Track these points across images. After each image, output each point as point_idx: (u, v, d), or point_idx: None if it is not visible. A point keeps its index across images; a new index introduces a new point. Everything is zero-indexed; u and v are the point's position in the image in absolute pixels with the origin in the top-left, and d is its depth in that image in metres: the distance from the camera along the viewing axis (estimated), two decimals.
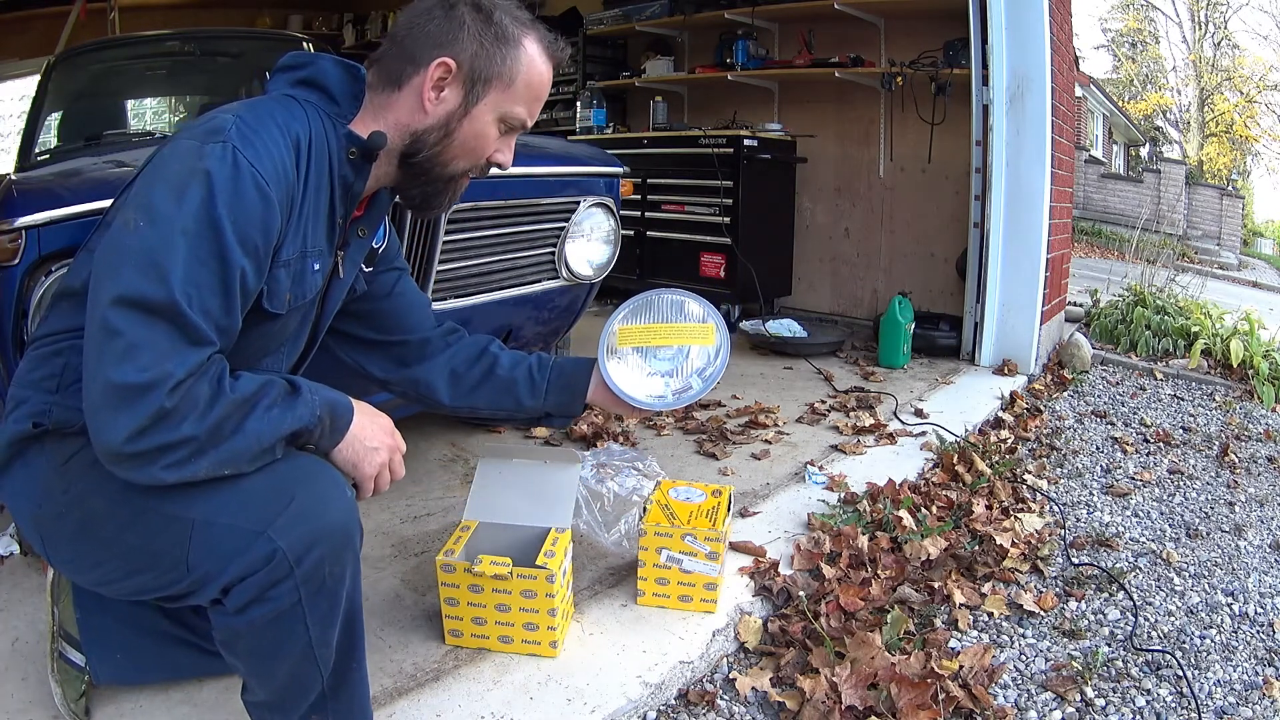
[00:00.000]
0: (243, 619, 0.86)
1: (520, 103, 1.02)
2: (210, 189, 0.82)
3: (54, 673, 1.14)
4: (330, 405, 0.93)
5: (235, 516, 0.85)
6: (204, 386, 0.82)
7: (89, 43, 3.21)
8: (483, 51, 0.98)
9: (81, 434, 0.90)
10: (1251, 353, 3.30)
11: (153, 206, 0.83)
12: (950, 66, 3.45)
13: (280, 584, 0.85)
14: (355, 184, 1.00)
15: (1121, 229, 10.59)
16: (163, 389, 0.79)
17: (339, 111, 0.99)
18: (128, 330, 0.79)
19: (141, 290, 0.80)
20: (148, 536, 0.87)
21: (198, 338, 0.82)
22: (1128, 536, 1.96)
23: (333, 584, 0.89)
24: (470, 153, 1.03)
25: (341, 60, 1.02)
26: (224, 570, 0.85)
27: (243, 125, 0.87)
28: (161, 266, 0.80)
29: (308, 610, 0.87)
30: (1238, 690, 1.41)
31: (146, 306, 0.80)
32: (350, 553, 0.91)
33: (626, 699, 1.22)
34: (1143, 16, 22.35)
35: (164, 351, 0.80)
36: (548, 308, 2.12)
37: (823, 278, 4.28)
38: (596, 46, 5.02)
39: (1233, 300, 4.77)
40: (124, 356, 0.79)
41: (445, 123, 0.99)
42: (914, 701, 1.24)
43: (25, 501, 0.93)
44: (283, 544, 0.85)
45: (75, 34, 4.79)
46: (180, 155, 0.85)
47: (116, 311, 0.79)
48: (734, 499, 1.70)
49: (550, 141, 2.30)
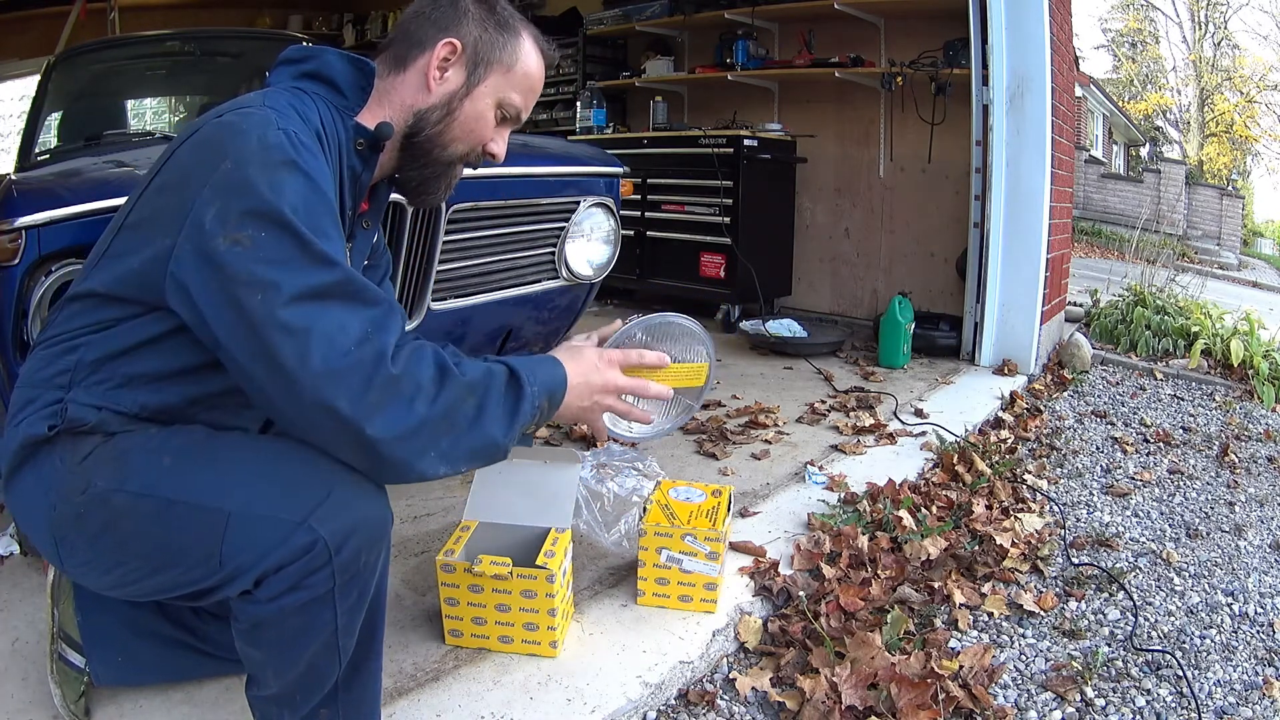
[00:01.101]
0: (273, 606, 0.85)
1: (517, 91, 1.05)
2: (297, 166, 0.84)
3: (53, 674, 1.14)
4: (549, 392, 0.96)
5: (274, 507, 0.84)
6: (426, 367, 0.86)
7: (89, 43, 3.21)
8: (486, 35, 1.02)
9: (96, 431, 0.90)
10: (1251, 353, 3.30)
11: (250, 211, 0.81)
12: (950, 66, 3.45)
13: (318, 572, 0.84)
14: (363, 175, 1.01)
15: (1121, 229, 10.59)
16: (385, 357, 0.82)
17: (346, 104, 0.99)
18: (314, 322, 0.80)
19: (306, 281, 0.81)
20: (176, 531, 0.86)
21: (370, 297, 0.85)
22: (1128, 536, 1.96)
23: (367, 573, 0.89)
24: (469, 134, 1.04)
25: (346, 54, 1.02)
26: (261, 561, 0.84)
27: (278, 112, 0.88)
28: (306, 251, 0.82)
29: (339, 598, 0.87)
30: (1238, 690, 1.41)
31: (318, 293, 0.81)
32: (385, 541, 0.92)
33: (626, 699, 1.22)
34: (1143, 16, 22.37)
35: (365, 319, 0.83)
36: (548, 308, 2.12)
37: (823, 278, 4.28)
38: (596, 46, 5.02)
39: (1233, 300, 4.77)
40: (330, 344, 0.80)
41: (448, 101, 1.02)
42: (914, 701, 1.24)
43: (38, 505, 0.90)
44: (324, 533, 0.84)
45: (75, 34, 4.80)
46: (232, 152, 0.83)
47: (292, 312, 0.80)
48: (734, 499, 1.70)
49: (550, 141, 2.30)
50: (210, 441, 0.91)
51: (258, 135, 0.84)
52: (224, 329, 0.82)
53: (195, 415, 0.94)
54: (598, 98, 4.50)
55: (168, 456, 0.88)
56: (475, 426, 0.88)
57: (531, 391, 0.93)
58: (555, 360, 1.00)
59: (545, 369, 0.97)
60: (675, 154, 3.96)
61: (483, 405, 0.89)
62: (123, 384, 0.91)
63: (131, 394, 0.91)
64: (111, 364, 0.90)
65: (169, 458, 0.88)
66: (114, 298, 0.89)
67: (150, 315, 0.88)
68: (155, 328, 0.89)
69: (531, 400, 0.93)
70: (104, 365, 0.90)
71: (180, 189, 0.85)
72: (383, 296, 0.87)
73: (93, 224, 1.22)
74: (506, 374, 0.92)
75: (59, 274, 1.24)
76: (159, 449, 0.89)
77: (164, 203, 0.87)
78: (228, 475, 0.86)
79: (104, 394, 0.90)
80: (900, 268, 3.98)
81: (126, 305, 0.89)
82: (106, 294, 0.90)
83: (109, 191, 1.26)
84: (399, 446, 0.83)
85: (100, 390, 0.90)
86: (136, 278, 0.87)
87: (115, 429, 0.90)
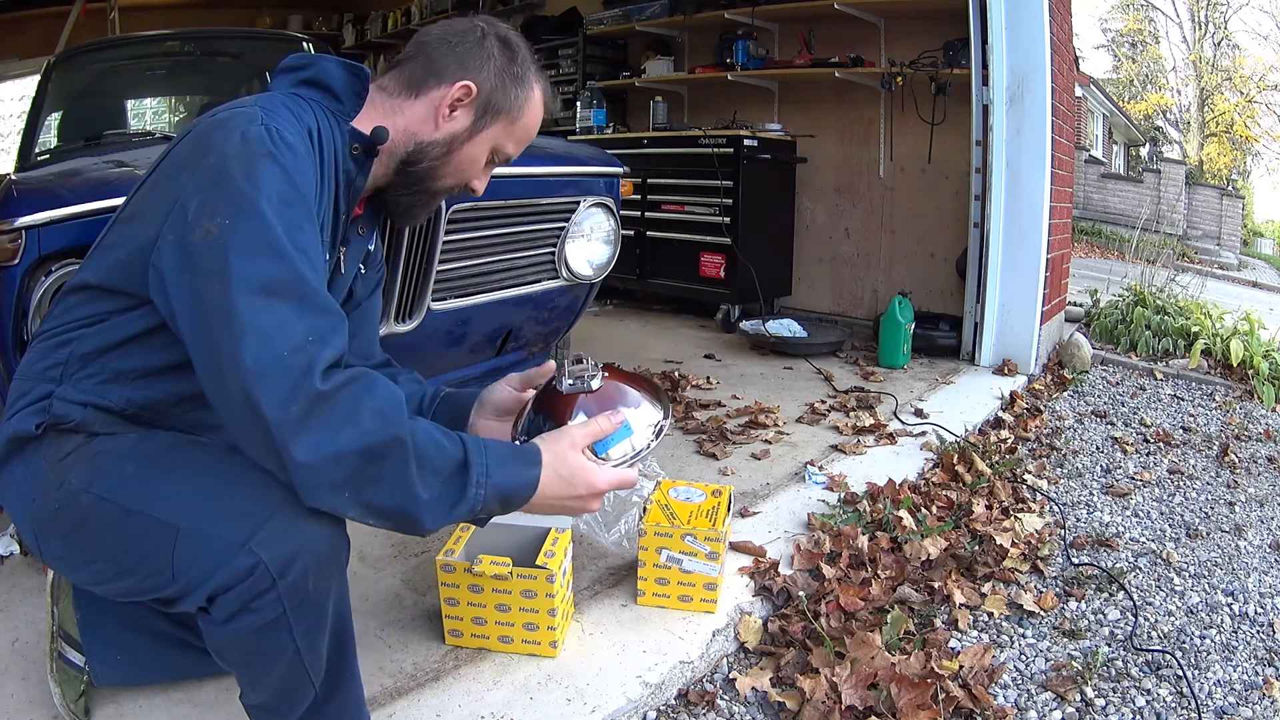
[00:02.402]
0: (228, 629, 0.86)
1: (513, 141, 1.09)
2: (274, 159, 0.84)
3: (53, 672, 1.14)
4: (502, 496, 0.89)
5: (218, 526, 0.84)
6: (369, 400, 0.81)
7: (89, 43, 3.21)
8: (501, 85, 1.04)
9: (78, 430, 0.92)
10: (1251, 353, 3.30)
11: (224, 200, 0.82)
12: (950, 66, 3.45)
13: (264, 595, 0.84)
14: (357, 179, 1.02)
15: (1121, 229, 10.60)
16: (313, 370, 0.79)
17: (342, 109, 1.00)
18: (257, 316, 0.79)
19: (262, 272, 0.80)
20: (134, 539, 0.87)
21: (320, 304, 0.83)
22: (1128, 536, 1.96)
23: (317, 597, 0.88)
24: (459, 174, 1.07)
25: (344, 60, 1.04)
26: (208, 579, 0.84)
27: (265, 110, 0.89)
28: (270, 243, 0.81)
29: (293, 622, 0.87)
30: (1238, 690, 1.41)
31: (270, 287, 0.80)
32: (335, 565, 0.90)
33: (626, 699, 1.22)
34: (1143, 16, 22.36)
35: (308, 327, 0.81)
36: (548, 308, 2.12)
37: (823, 278, 4.28)
38: (596, 46, 5.02)
39: (1233, 300, 4.77)
40: (265, 342, 0.78)
41: (450, 141, 1.04)
42: (914, 701, 1.24)
43: (22, 497, 0.93)
44: (264, 557, 0.83)
45: (75, 34, 4.80)
46: (218, 146, 0.85)
47: (242, 303, 0.79)
48: (734, 499, 1.70)
49: (550, 141, 2.30)
50: (174, 453, 0.91)
51: (241, 130, 0.85)
52: (185, 318, 0.83)
53: (184, 414, 0.95)
54: (598, 98, 4.50)
55: (131, 464, 0.89)
56: (401, 491, 0.82)
57: (475, 494, 0.86)
58: (532, 462, 0.91)
59: (510, 470, 0.89)
60: (675, 154, 3.96)
61: (414, 475, 0.82)
62: (111, 379, 0.92)
63: (119, 389, 0.93)
64: (101, 359, 0.92)
65: (132, 465, 0.89)
66: (106, 289, 0.91)
67: (140, 310, 0.90)
68: (144, 322, 0.90)
69: (471, 502, 0.86)
70: (94, 360, 0.92)
71: (169, 183, 0.88)
72: (334, 308, 0.86)
73: (92, 224, 1.22)
74: (458, 461, 0.85)
75: (59, 274, 1.24)
76: (127, 455, 0.90)
77: (154, 196, 0.90)
78: (182, 489, 0.87)
79: (93, 389, 0.92)
80: (900, 268, 3.98)
81: (117, 298, 0.91)
82: (99, 285, 0.92)
83: (109, 191, 1.26)
84: (311, 472, 0.79)
85: (90, 385, 0.92)
86: (124, 268, 0.89)
87: (98, 428, 0.92)
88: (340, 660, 0.97)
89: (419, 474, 0.83)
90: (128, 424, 0.94)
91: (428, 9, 6.43)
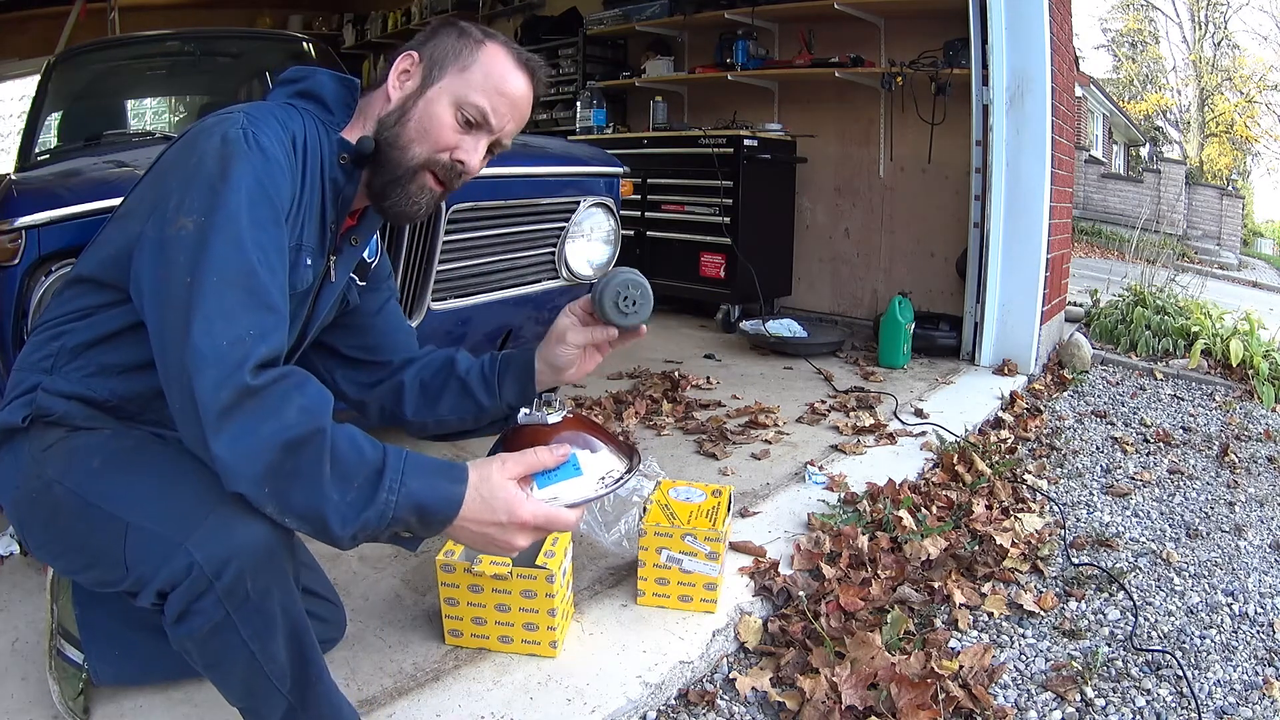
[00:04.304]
0: (183, 630, 0.86)
1: (477, 91, 1.01)
2: (247, 160, 0.87)
3: (51, 670, 1.14)
4: (418, 508, 0.85)
5: (161, 524, 0.85)
6: (297, 397, 0.82)
7: (89, 43, 3.20)
8: (444, 44, 1.04)
9: (63, 424, 0.94)
10: (1251, 353, 3.30)
11: (199, 198, 0.86)
12: (950, 66, 3.45)
13: (203, 597, 0.84)
14: (346, 188, 1.03)
15: (1121, 229, 10.60)
16: (245, 364, 0.81)
17: (333, 120, 1.03)
18: (208, 300, 0.81)
19: (223, 262, 0.83)
20: (94, 531, 0.89)
21: (267, 302, 0.85)
22: (1128, 536, 1.96)
23: (258, 599, 0.87)
24: (424, 136, 1.01)
25: (336, 74, 1.07)
26: (154, 576, 0.84)
27: (249, 116, 0.92)
28: (233, 236, 0.84)
29: (239, 624, 0.86)
30: (1238, 690, 1.41)
31: (225, 276, 0.83)
32: (274, 568, 0.88)
33: (626, 699, 1.22)
34: (1143, 16, 22.37)
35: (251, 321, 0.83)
36: (548, 308, 2.12)
37: (823, 278, 4.28)
38: (596, 46, 5.02)
39: (1233, 300, 4.77)
40: (209, 326, 0.81)
41: (403, 104, 1.03)
42: (914, 701, 1.24)
43: (7, 486, 0.95)
44: (199, 557, 0.83)
45: (75, 34, 4.79)
46: (200, 148, 0.89)
47: (197, 287, 0.82)
48: (734, 499, 1.70)
49: (550, 141, 2.30)
50: (137, 451, 0.93)
51: (221, 134, 0.89)
52: (149, 302, 0.86)
53: (162, 408, 0.94)
54: (597, 98, 4.51)
55: (98, 459, 0.92)
56: (313, 489, 0.81)
57: (386, 499, 0.83)
58: (456, 479, 0.88)
59: (428, 482, 0.86)
60: (675, 154, 3.96)
61: (328, 473, 0.81)
62: (97, 372, 0.96)
63: (105, 382, 0.96)
64: (88, 352, 0.95)
65: (99, 460, 0.92)
66: (97, 282, 0.95)
67: (126, 305, 0.93)
68: (129, 317, 0.93)
69: (382, 508, 0.83)
70: (83, 353, 0.95)
71: (157, 183, 0.93)
72: (279, 306, 0.87)
73: (92, 224, 1.22)
74: (374, 466, 0.84)
75: (59, 274, 1.25)
76: (96, 450, 0.93)
77: (144, 195, 0.94)
78: (137, 487, 0.88)
79: (80, 380, 0.95)
80: (900, 268, 3.98)
81: (106, 291, 0.94)
82: (90, 278, 0.95)
83: (108, 191, 1.27)
84: (232, 463, 0.80)
85: (77, 376, 0.95)
86: (113, 263, 0.93)
87: (80, 422, 0.95)
88: (303, 665, 0.94)
89: (332, 473, 0.82)
90: (111, 417, 0.96)
91: (428, 9, 6.43)
